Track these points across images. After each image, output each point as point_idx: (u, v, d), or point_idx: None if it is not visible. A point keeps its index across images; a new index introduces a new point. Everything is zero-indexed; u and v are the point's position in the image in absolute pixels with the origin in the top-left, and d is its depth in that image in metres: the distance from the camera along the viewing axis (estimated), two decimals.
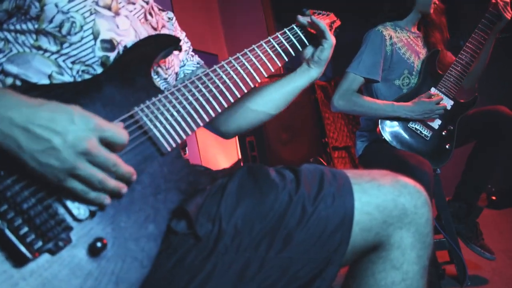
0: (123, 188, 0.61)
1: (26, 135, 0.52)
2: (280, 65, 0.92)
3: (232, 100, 0.82)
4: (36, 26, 0.69)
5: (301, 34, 0.98)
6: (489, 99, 2.37)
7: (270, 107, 0.99)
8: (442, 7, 1.93)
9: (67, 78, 0.72)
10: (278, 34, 0.95)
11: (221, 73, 0.82)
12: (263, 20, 3.81)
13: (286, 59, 0.94)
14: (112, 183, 0.59)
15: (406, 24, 1.92)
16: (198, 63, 1.05)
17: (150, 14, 0.90)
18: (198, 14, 3.61)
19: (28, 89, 0.65)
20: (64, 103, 0.57)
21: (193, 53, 1.05)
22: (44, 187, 0.56)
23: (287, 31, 0.97)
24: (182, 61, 1.01)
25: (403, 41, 1.87)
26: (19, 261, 0.52)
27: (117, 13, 0.77)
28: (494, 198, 2.82)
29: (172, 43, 0.80)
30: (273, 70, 0.91)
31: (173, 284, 0.65)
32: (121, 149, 0.61)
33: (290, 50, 0.95)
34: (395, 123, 1.75)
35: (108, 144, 0.59)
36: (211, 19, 3.82)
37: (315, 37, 0.98)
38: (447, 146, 1.74)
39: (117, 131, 0.59)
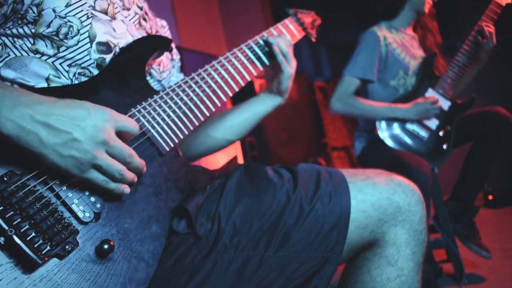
0: (135, 178, 0.63)
1: (48, 130, 0.54)
2: (249, 77, 0.90)
3: (224, 99, 0.83)
4: (33, 30, 0.69)
5: (260, 53, 0.93)
6: (486, 100, 2.39)
7: (230, 134, 0.97)
8: (434, 11, 1.94)
9: (64, 81, 0.72)
10: (235, 49, 0.91)
11: (205, 76, 0.83)
12: (263, 20, 3.81)
13: (255, 73, 0.91)
14: (130, 174, 0.61)
15: (401, 25, 1.94)
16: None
17: (144, 19, 0.91)
18: (199, 15, 3.62)
19: None
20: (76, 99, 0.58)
21: (180, 71, 1.05)
22: (49, 190, 0.56)
23: (244, 48, 0.93)
24: (170, 71, 1.02)
25: (397, 42, 1.89)
26: (28, 267, 0.52)
27: (113, 18, 0.78)
28: (491, 197, 2.83)
29: (163, 44, 0.81)
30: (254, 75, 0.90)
31: (172, 283, 0.66)
32: (130, 138, 0.63)
33: (257, 63, 0.92)
34: (393, 124, 1.76)
35: (120, 134, 0.61)
36: (211, 20, 3.83)
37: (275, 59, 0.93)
38: (444, 147, 1.75)
39: (129, 121, 0.62)
